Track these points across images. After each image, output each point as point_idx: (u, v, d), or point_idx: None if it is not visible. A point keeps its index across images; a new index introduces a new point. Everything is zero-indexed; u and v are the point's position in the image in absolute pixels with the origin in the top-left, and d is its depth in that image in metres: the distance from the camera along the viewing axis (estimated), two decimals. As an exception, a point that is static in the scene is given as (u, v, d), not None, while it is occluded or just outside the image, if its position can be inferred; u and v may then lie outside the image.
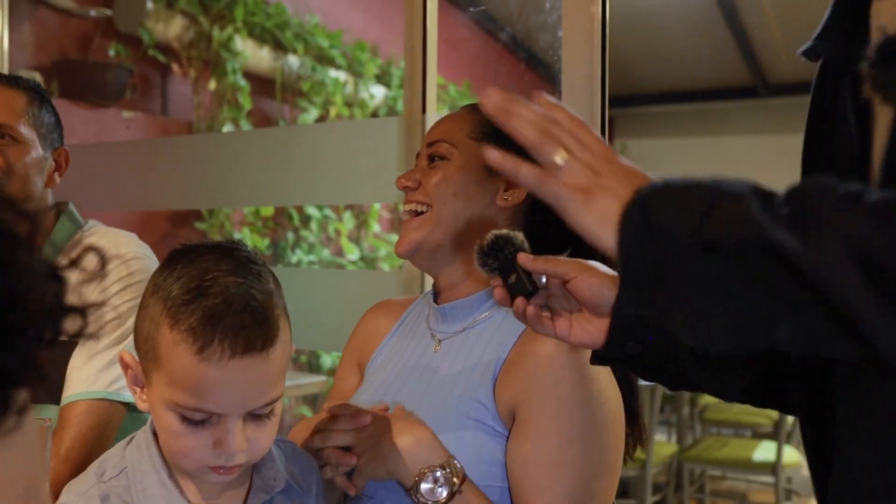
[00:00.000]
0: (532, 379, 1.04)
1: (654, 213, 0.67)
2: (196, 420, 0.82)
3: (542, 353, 1.05)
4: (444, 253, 1.17)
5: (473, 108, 1.21)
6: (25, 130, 1.41)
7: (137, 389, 0.88)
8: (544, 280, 0.92)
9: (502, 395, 1.06)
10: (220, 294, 0.81)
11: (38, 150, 1.43)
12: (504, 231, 0.95)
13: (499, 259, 0.92)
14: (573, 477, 1.01)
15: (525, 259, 0.92)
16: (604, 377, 1.06)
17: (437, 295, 1.23)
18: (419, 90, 1.70)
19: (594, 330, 0.91)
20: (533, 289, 0.91)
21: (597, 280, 0.90)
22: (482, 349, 1.12)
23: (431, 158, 1.19)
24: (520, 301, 0.91)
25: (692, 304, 0.65)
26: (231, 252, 0.86)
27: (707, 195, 0.66)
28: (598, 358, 0.93)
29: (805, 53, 0.85)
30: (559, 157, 0.72)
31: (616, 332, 0.89)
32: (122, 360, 0.88)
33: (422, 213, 1.17)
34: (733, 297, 0.63)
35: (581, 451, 1.02)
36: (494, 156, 0.76)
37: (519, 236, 0.94)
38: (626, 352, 0.90)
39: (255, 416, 0.85)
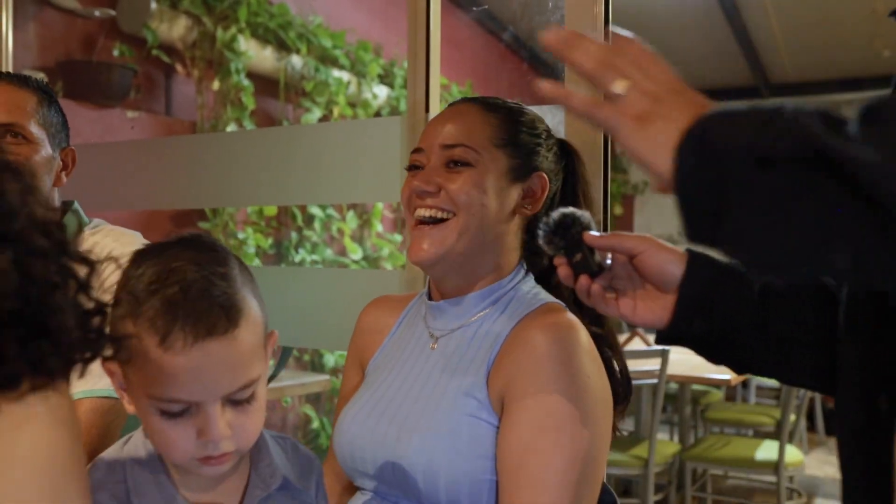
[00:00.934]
0: (518, 366, 1.05)
1: (711, 134, 0.64)
2: (174, 412, 0.82)
3: (529, 343, 1.05)
4: (461, 261, 1.14)
5: (486, 109, 1.18)
6: (35, 130, 1.43)
7: (123, 393, 0.88)
8: (609, 261, 0.91)
9: (494, 384, 1.07)
10: (178, 283, 0.81)
11: (46, 150, 1.45)
12: (570, 209, 0.93)
13: (566, 238, 0.91)
14: (552, 465, 1.00)
15: (592, 237, 0.91)
16: (590, 367, 1.06)
17: (431, 292, 1.23)
18: (422, 90, 1.70)
19: (658, 308, 0.90)
20: (598, 269, 0.90)
21: (664, 255, 0.90)
22: (478, 346, 1.12)
23: (451, 162, 1.14)
24: (584, 279, 0.90)
25: (751, 225, 0.61)
26: (194, 243, 0.87)
27: (766, 113, 0.63)
28: (664, 338, 0.92)
29: None
30: (619, 86, 0.69)
31: (682, 308, 0.88)
32: (106, 368, 0.87)
33: (443, 220, 1.13)
34: (791, 216, 0.60)
35: (560, 439, 1.01)
36: (545, 86, 0.73)
37: (586, 214, 0.93)
38: (692, 330, 0.88)
39: (234, 402, 0.84)
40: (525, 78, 5.67)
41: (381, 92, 4.47)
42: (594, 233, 0.93)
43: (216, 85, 3.59)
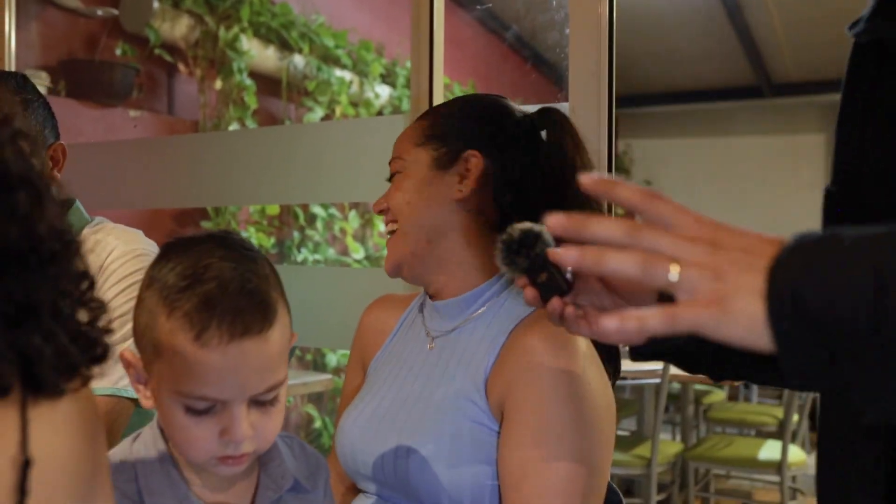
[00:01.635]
0: (517, 374, 1.04)
1: (805, 302, 0.57)
2: (200, 409, 0.81)
3: (528, 349, 1.04)
4: (424, 262, 1.17)
5: (423, 115, 1.23)
6: None
7: (141, 387, 0.87)
8: (569, 275, 0.82)
9: (493, 391, 1.06)
10: (216, 279, 0.80)
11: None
12: (528, 225, 0.84)
13: (529, 257, 0.82)
14: (555, 477, 0.98)
15: (555, 254, 0.79)
16: (590, 373, 1.04)
17: (430, 295, 1.23)
18: (426, 88, 1.70)
19: None
20: (567, 287, 0.82)
21: None
22: (475, 348, 1.11)
23: (390, 177, 1.21)
24: (556, 302, 0.82)
25: (872, 386, 0.56)
26: (224, 240, 0.86)
27: (852, 257, 0.57)
28: (641, 353, 0.86)
29: (856, 33, 0.76)
30: (671, 275, 0.62)
31: None
32: (123, 359, 0.87)
33: (394, 231, 1.19)
34: None
35: (562, 449, 0.99)
36: (588, 181, 0.68)
37: (546, 234, 0.83)
38: (671, 342, 0.83)
39: (258, 403, 0.84)
40: (527, 77, 5.67)
41: (384, 91, 4.47)
42: (558, 250, 0.83)
43: (218, 84, 3.59)
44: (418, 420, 1.09)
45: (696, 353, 0.86)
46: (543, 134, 1.20)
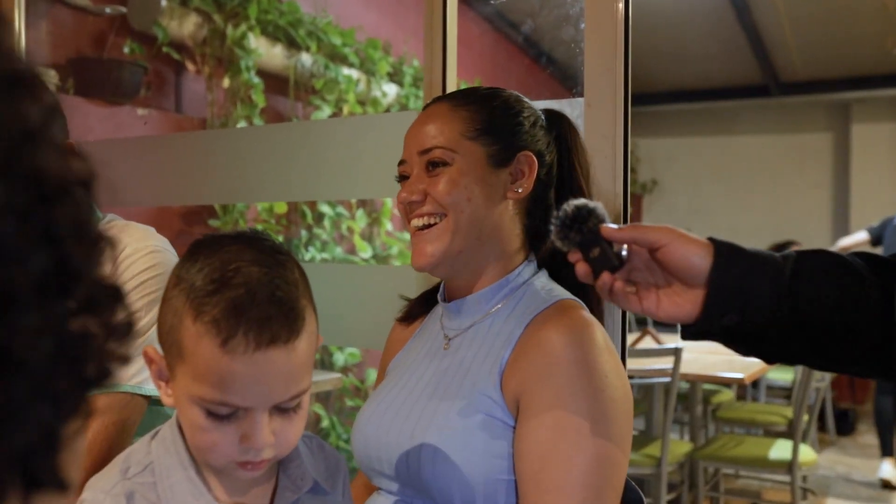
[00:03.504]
0: (533, 368, 1.03)
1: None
2: (222, 414, 0.80)
3: (545, 343, 1.04)
4: (467, 259, 1.15)
5: (455, 104, 1.17)
6: None
7: (162, 384, 0.86)
8: (625, 252, 0.85)
9: (508, 385, 1.05)
10: (244, 285, 0.79)
11: None
12: (583, 201, 0.87)
13: (581, 231, 0.84)
14: (573, 469, 0.98)
15: (610, 229, 0.85)
16: (608, 366, 1.03)
17: (446, 292, 1.22)
18: (439, 87, 1.69)
19: (685, 302, 0.86)
20: (619, 263, 0.84)
21: (689, 247, 0.85)
22: (491, 343, 1.11)
23: (430, 166, 1.15)
24: (606, 277, 0.85)
25: None
26: (254, 242, 0.84)
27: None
28: (692, 332, 0.87)
29: None
30: None
31: (714, 302, 0.84)
32: (146, 355, 0.86)
33: (435, 224, 1.14)
34: None
35: (580, 441, 0.98)
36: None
37: (600, 206, 0.86)
38: (722, 323, 0.84)
39: (281, 410, 0.83)
40: (535, 75, 5.65)
41: (391, 90, 4.46)
42: (611, 225, 0.87)
43: (226, 82, 3.58)
44: (431, 415, 1.08)
45: (750, 334, 0.86)
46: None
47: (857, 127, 7.83)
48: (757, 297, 0.84)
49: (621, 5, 1.40)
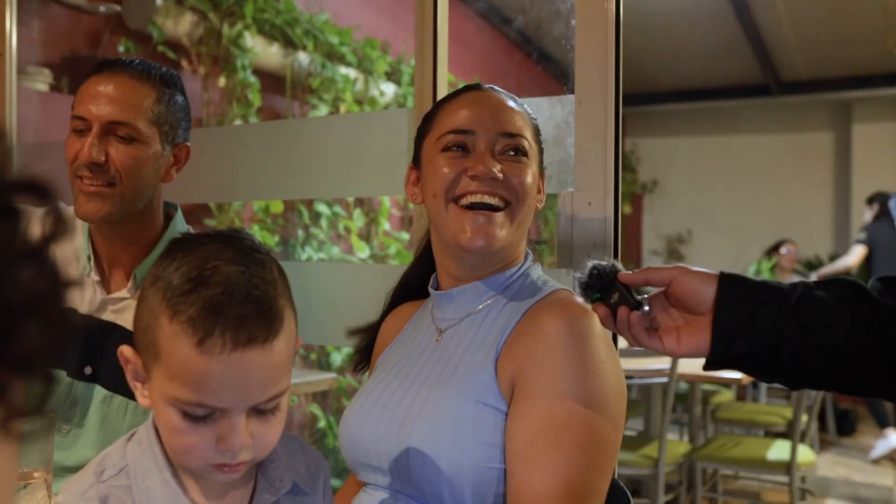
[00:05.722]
0: (529, 352, 1.04)
1: None
2: (198, 416, 0.79)
3: (542, 328, 1.05)
4: (508, 249, 1.17)
5: (519, 105, 1.20)
6: (145, 128, 1.40)
7: (138, 385, 0.85)
8: (647, 308, 0.94)
9: (503, 370, 1.06)
10: (221, 283, 0.77)
11: (155, 147, 1.42)
12: (594, 261, 0.99)
13: (601, 280, 0.96)
14: (562, 449, 0.98)
15: (626, 275, 0.95)
16: (604, 353, 1.05)
17: (440, 282, 1.23)
18: (430, 84, 1.67)
19: (700, 333, 0.92)
20: (636, 304, 0.94)
21: (696, 277, 0.92)
22: (487, 331, 1.12)
23: (511, 151, 1.15)
24: (623, 311, 0.93)
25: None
26: (233, 240, 0.83)
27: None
28: (710, 363, 0.93)
29: None
30: None
31: (720, 328, 0.90)
32: (121, 355, 0.85)
33: (501, 209, 1.13)
34: None
35: (572, 423, 0.99)
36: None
37: (615, 262, 0.99)
38: (735, 351, 0.90)
39: (259, 412, 0.81)
40: (530, 72, 5.63)
41: (389, 89, 4.45)
42: (627, 272, 0.98)
43: (222, 81, 3.57)
44: (421, 404, 1.08)
45: (765, 362, 0.90)
46: None
47: (859, 126, 7.82)
48: (761, 323, 0.88)
49: (612, 3, 1.39)
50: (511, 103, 1.19)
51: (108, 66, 1.43)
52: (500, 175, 1.12)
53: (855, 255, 5.85)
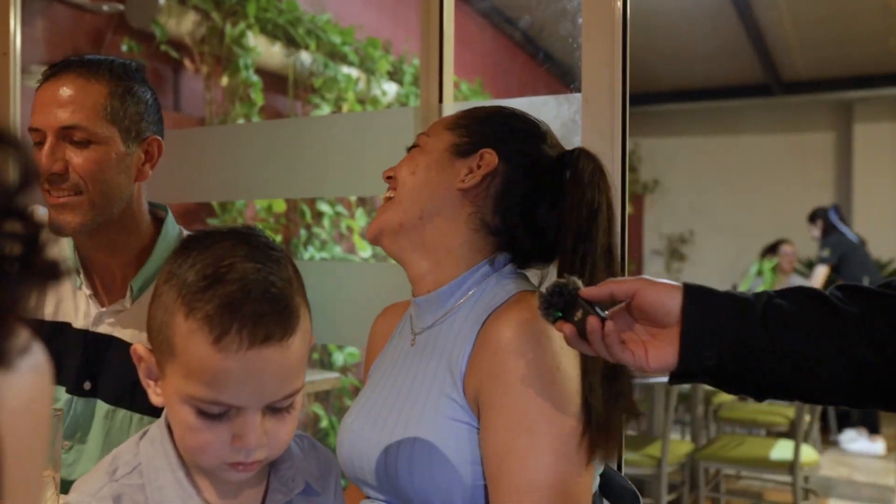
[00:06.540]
0: (486, 367, 1.03)
1: None
2: (213, 414, 0.78)
3: (495, 340, 1.03)
4: (409, 237, 1.15)
5: (469, 108, 1.23)
6: (102, 129, 1.31)
7: (151, 383, 0.84)
8: (605, 313, 0.92)
9: (469, 384, 1.05)
10: (238, 281, 0.77)
11: (118, 147, 1.33)
12: (557, 279, 0.96)
13: (563, 297, 0.92)
14: (530, 467, 0.97)
15: (587, 290, 0.92)
16: (559, 358, 1.01)
17: (413, 287, 1.21)
18: (436, 84, 1.67)
19: (667, 346, 0.90)
20: (602, 318, 0.91)
21: (659, 288, 0.90)
22: (451, 344, 1.10)
23: (410, 148, 1.22)
24: (592, 320, 0.90)
25: None
26: (248, 237, 0.82)
27: None
28: (676, 376, 0.91)
29: None
30: None
31: (688, 341, 0.88)
32: (134, 353, 0.84)
33: (389, 199, 1.19)
34: None
35: (535, 440, 0.98)
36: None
37: (575, 279, 0.96)
38: (703, 363, 0.88)
39: (274, 410, 0.81)
40: (534, 72, 5.63)
41: (391, 89, 4.45)
42: (588, 287, 0.94)
43: (224, 81, 3.57)
44: (404, 424, 1.07)
45: (733, 374, 0.89)
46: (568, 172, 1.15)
47: (860, 126, 7.81)
48: (728, 333, 0.87)
49: (619, 5, 1.38)
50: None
51: (55, 70, 1.35)
52: (388, 173, 1.21)
53: (819, 277, 5.79)
